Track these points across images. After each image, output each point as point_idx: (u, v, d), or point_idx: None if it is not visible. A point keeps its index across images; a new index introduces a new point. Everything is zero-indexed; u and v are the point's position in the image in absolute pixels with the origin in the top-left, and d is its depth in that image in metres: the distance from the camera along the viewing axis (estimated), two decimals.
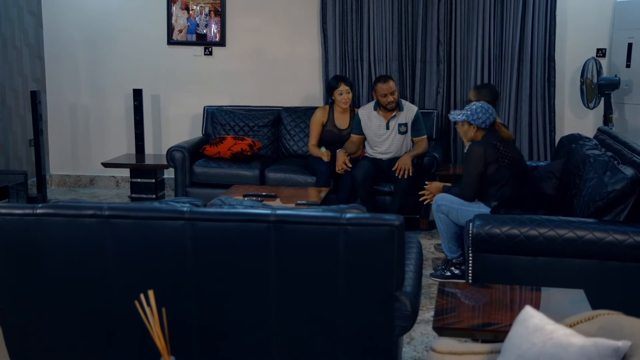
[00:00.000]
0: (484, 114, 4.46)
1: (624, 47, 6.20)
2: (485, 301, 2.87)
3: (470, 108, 4.52)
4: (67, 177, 7.44)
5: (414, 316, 2.64)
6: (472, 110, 4.49)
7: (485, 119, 4.46)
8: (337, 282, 2.57)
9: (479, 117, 4.46)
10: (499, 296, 2.92)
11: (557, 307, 2.78)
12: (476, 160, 4.41)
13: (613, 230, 3.46)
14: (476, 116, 4.46)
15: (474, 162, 4.42)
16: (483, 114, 4.46)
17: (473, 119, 4.47)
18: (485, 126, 4.47)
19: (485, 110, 4.47)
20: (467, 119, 4.49)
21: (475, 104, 4.54)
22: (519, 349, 1.82)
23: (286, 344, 2.66)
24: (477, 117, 4.46)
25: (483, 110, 4.48)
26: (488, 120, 4.47)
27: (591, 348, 1.69)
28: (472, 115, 4.47)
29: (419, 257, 3.12)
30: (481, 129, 4.49)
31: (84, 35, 7.15)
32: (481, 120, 4.46)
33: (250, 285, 2.62)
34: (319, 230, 2.56)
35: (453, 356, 2.02)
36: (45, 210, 2.59)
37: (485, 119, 4.46)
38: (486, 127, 4.48)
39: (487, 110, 4.48)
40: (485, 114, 4.47)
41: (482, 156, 4.39)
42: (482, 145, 4.41)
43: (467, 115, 4.49)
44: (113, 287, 2.63)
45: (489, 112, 4.48)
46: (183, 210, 2.58)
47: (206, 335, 2.67)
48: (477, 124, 4.46)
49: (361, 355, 2.65)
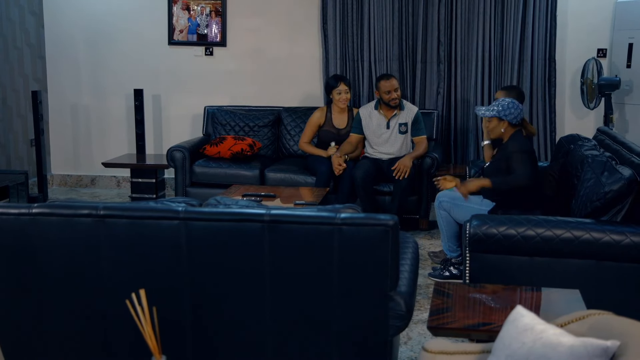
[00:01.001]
0: (516, 110, 4.43)
1: (624, 47, 6.19)
2: (481, 301, 2.87)
3: (501, 104, 4.45)
4: (69, 177, 7.45)
5: (408, 316, 2.64)
6: (503, 106, 4.43)
7: (517, 114, 4.43)
8: (332, 282, 2.57)
9: (510, 113, 4.41)
10: (495, 296, 2.92)
11: (553, 307, 2.78)
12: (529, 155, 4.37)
13: (610, 230, 3.46)
14: (508, 112, 4.42)
15: (528, 156, 4.35)
16: (515, 109, 4.42)
17: (505, 114, 4.41)
18: (517, 122, 4.43)
19: (517, 106, 4.45)
20: (498, 115, 4.43)
21: (505, 100, 4.48)
22: (509, 348, 1.82)
23: (280, 344, 2.66)
24: (509, 113, 4.41)
25: (515, 105, 4.44)
26: (519, 116, 4.44)
27: (580, 348, 1.69)
28: (504, 111, 4.42)
29: (415, 257, 3.12)
30: (512, 125, 4.46)
31: (85, 36, 7.16)
32: (513, 115, 4.42)
33: (245, 284, 2.62)
34: (314, 230, 2.56)
35: (444, 356, 2.02)
36: (41, 209, 2.60)
37: (516, 115, 4.42)
38: (517, 122, 4.44)
39: (518, 107, 4.45)
40: (517, 110, 4.43)
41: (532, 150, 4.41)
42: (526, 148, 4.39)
43: (498, 111, 4.43)
44: (108, 286, 2.63)
45: (520, 109, 4.46)
46: (178, 210, 2.59)
47: (200, 335, 2.68)
48: (509, 120, 4.42)
49: (356, 355, 2.66)
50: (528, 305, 2.80)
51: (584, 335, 1.83)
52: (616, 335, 1.74)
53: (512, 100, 4.48)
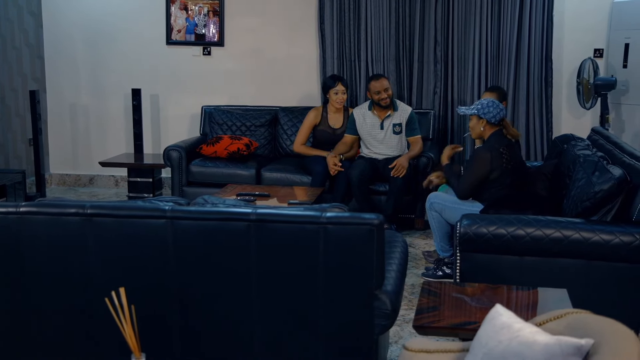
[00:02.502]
0: (495, 109, 4.47)
1: (621, 47, 6.19)
2: (467, 300, 2.88)
3: (481, 102, 4.53)
4: (67, 176, 7.48)
5: (394, 315, 2.66)
6: (482, 105, 4.50)
7: (496, 114, 4.46)
8: (317, 280, 2.59)
9: (489, 112, 4.46)
10: (482, 295, 2.93)
11: (539, 306, 2.79)
12: (482, 164, 4.42)
13: (599, 230, 3.46)
14: (487, 110, 4.47)
15: (479, 166, 4.42)
16: (494, 108, 4.47)
17: (483, 112, 4.47)
18: (495, 121, 4.47)
19: (497, 106, 4.48)
20: (478, 113, 4.49)
21: (486, 99, 4.56)
22: (486, 346, 1.83)
23: (267, 342, 2.68)
24: (488, 112, 4.46)
25: (494, 105, 4.48)
26: (498, 115, 4.47)
27: (555, 346, 1.70)
28: (483, 109, 4.48)
29: (404, 256, 3.13)
30: (490, 124, 4.49)
31: (83, 36, 7.18)
32: (491, 114, 4.46)
33: (231, 283, 2.64)
34: (299, 229, 2.58)
35: (425, 354, 2.03)
36: (29, 208, 2.62)
37: (495, 114, 4.46)
38: (496, 122, 4.47)
39: (498, 106, 4.49)
40: (496, 109, 4.47)
41: (488, 162, 4.41)
42: (489, 152, 4.42)
43: (478, 109, 4.49)
44: (95, 284, 2.65)
45: (500, 108, 4.49)
46: (165, 208, 2.61)
47: (188, 333, 2.69)
48: (487, 119, 4.46)
49: (342, 353, 2.67)
50: (514, 305, 2.81)
51: (561, 334, 1.83)
52: (592, 334, 1.75)
53: (492, 100, 4.54)
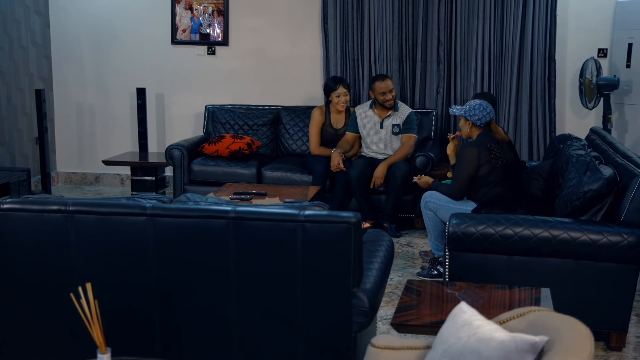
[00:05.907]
0: (481, 112, 4.47)
1: (624, 47, 6.16)
2: (449, 299, 2.89)
3: (469, 104, 4.55)
4: (73, 174, 7.55)
5: (372, 313, 2.67)
6: (470, 106, 4.53)
7: (482, 116, 4.47)
8: (296, 278, 2.61)
9: (475, 114, 4.48)
10: (464, 294, 2.94)
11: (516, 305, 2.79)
12: (469, 161, 4.42)
13: (588, 230, 3.47)
14: (473, 112, 4.48)
15: (466, 162, 4.43)
16: (480, 111, 4.48)
17: (469, 114, 4.49)
18: (480, 124, 4.48)
19: (483, 109, 4.48)
20: (464, 114, 4.52)
21: (475, 101, 4.57)
22: (446, 343, 1.84)
23: (246, 339, 2.71)
24: (474, 114, 4.48)
25: (481, 107, 4.49)
26: (484, 118, 4.48)
27: (510, 343, 1.71)
28: (469, 111, 4.50)
29: (388, 255, 3.14)
30: (476, 126, 4.50)
31: (90, 35, 7.26)
32: (477, 117, 4.47)
33: (210, 280, 2.66)
34: (278, 227, 2.60)
35: (390, 351, 2.05)
36: (11, 205, 2.66)
37: (481, 117, 4.47)
38: (481, 125, 4.48)
39: (485, 109, 4.49)
40: (482, 112, 4.47)
41: (475, 157, 4.40)
42: (475, 147, 4.43)
43: (465, 111, 4.52)
44: (77, 281, 2.67)
45: (487, 111, 4.49)
46: (145, 206, 2.64)
47: (168, 329, 2.72)
48: (473, 121, 4.48)
49: (320, 351, 2.69)
50: (493, 303, 2.82)
51: (522, 332, 1.85)
52: (549, 331, 1.76)
53: (480, 102, 4.54)
